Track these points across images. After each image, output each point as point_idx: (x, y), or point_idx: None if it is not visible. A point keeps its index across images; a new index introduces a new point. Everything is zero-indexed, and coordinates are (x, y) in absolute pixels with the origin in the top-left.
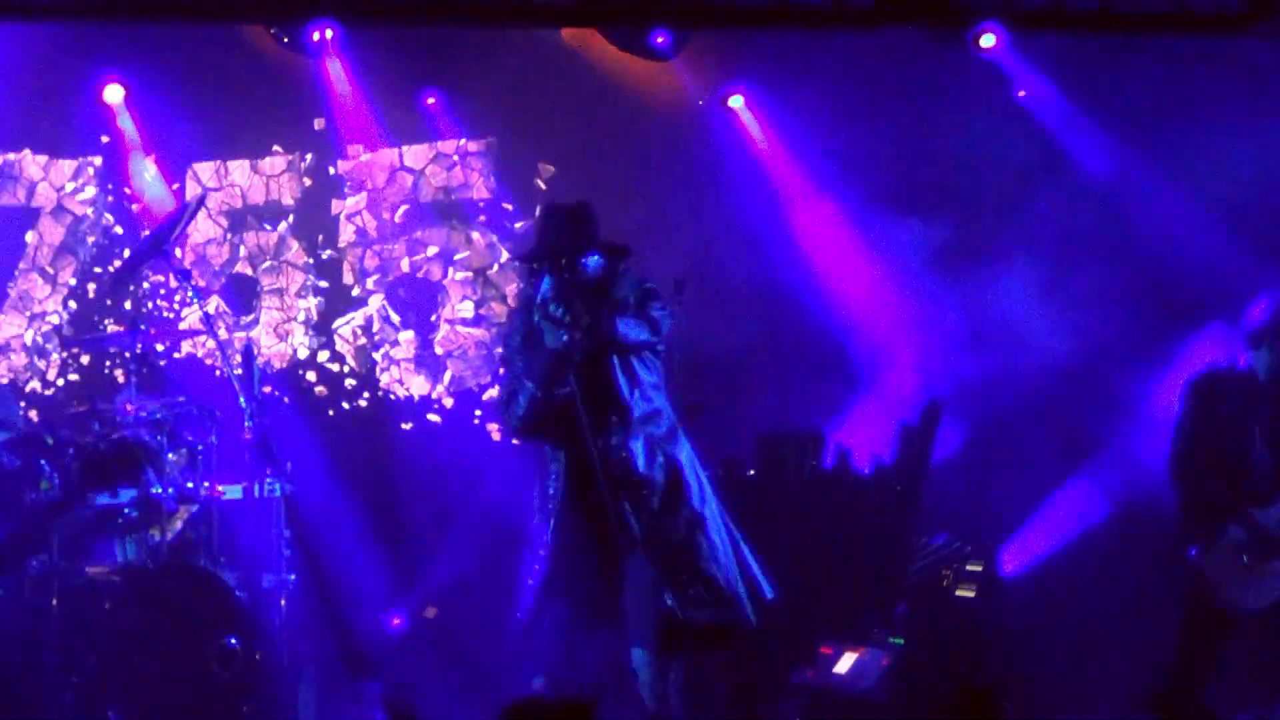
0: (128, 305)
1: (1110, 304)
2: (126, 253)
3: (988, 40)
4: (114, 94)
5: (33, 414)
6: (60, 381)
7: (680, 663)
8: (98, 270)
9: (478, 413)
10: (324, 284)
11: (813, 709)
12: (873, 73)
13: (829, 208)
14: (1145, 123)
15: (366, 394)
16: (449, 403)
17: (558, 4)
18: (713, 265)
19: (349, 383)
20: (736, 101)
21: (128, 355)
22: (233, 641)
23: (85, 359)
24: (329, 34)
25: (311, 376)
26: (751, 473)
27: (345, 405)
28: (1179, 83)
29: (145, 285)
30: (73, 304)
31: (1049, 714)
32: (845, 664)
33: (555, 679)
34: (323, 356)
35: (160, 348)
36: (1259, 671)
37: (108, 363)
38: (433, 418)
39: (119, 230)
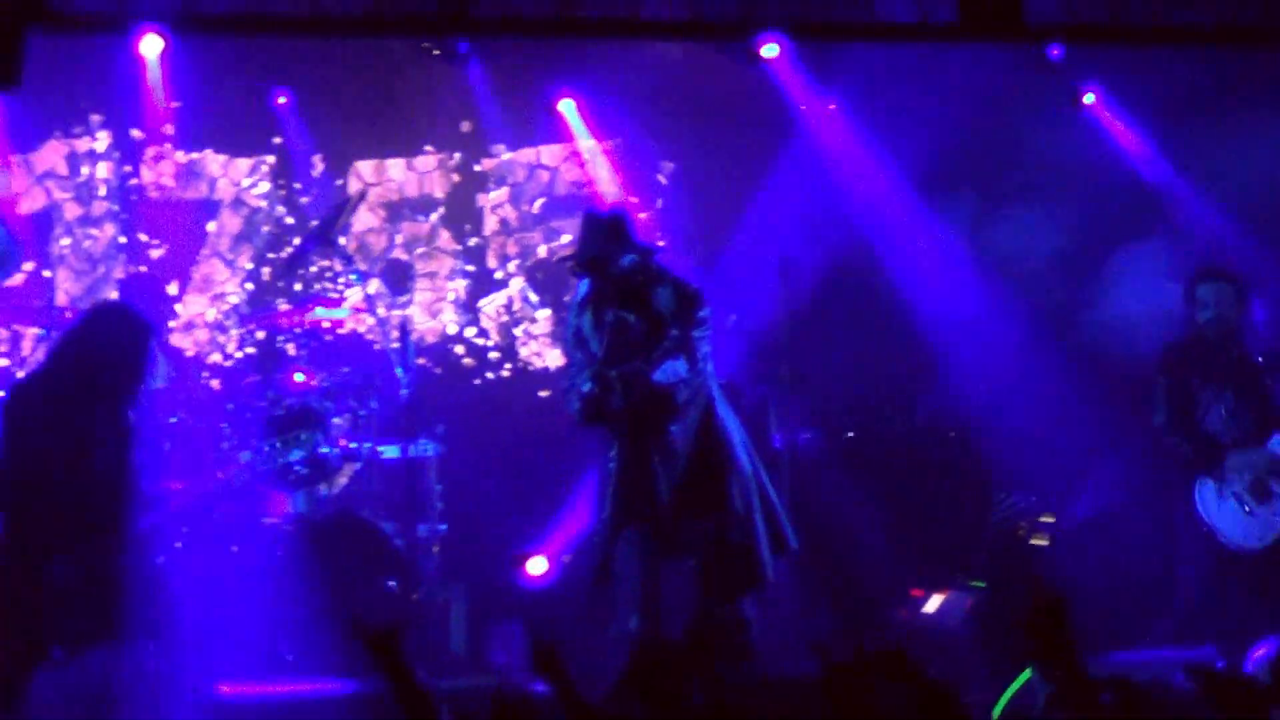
0: (298, 287)
1: (1162, 292)
2: (297, 240)
3: (1058, 53)
4: (284, 100)
5: (214, 383)
6: (239, 354)
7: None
8: (271, 256)
9: None
10: (470, 268)
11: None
12: (952, 80)
13: (916, 202)
14: (1195, 125)
15: (508, 365)
16: None
17: (672, 20)
18: (815, 251)
19: (492, 355)
20: (834, 106)
21: (298, 331)
22: (391, 584)
23: (260, 334)
24: (474, 46)
25: (459, 350)
26: (850, 434)
27: (489, 375)
28: (1224, 89)
29: (313, 269)
30: (249, 286)
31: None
32: (933, 604)
33: (647, 620)
34: (469, 332)
35: (326, 324)
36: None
37: (280, 338)
38: None
39: (290, 221)
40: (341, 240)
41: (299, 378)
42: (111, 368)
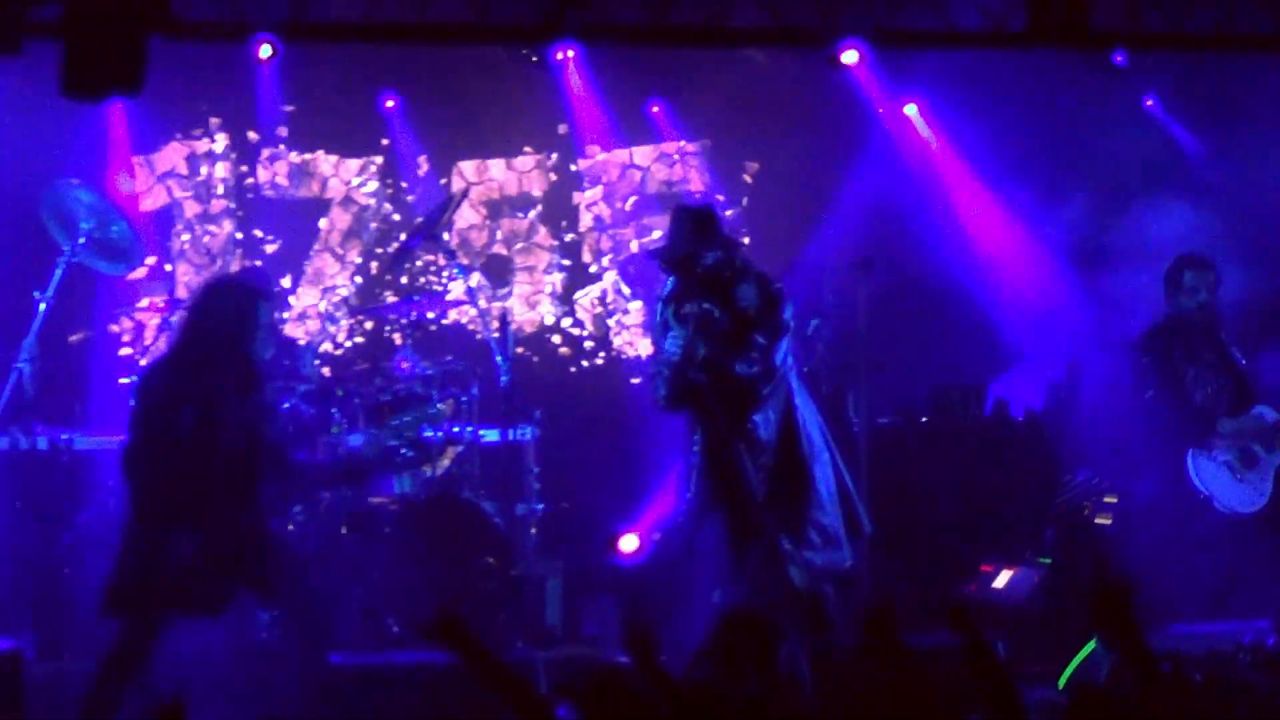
0: (404, 280)
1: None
2: (403, 236)
3: (1119, 58)
4: (392, 104)
5: (325, 370)
6: (348, 343)
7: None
8: (379, 250)
9: None
10: (567, 262)
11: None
12: (1025, 84)
13: (989, 200)
14: (1261, 130)
15: (602, 354)
16: None
17: (757, 28)
18: (893, 247)
19: (587, 344)
20: (911, 109)
21: (404, 321)
22: (490, 560)
23: (369, 324)
24: (570, 54)
25: (556, 339)
26: (924, 419)
27: (584, 363)
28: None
29: (419, 263)
30: (358, 279)
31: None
32: (1003, 580)
33: (730, 594)
34: (566, 323)
35: (431, 315)
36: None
37: (387, 328)
38: None
39: (396, 217)
40: (445, 236)
41: (405, 365)
42: (228, 336)
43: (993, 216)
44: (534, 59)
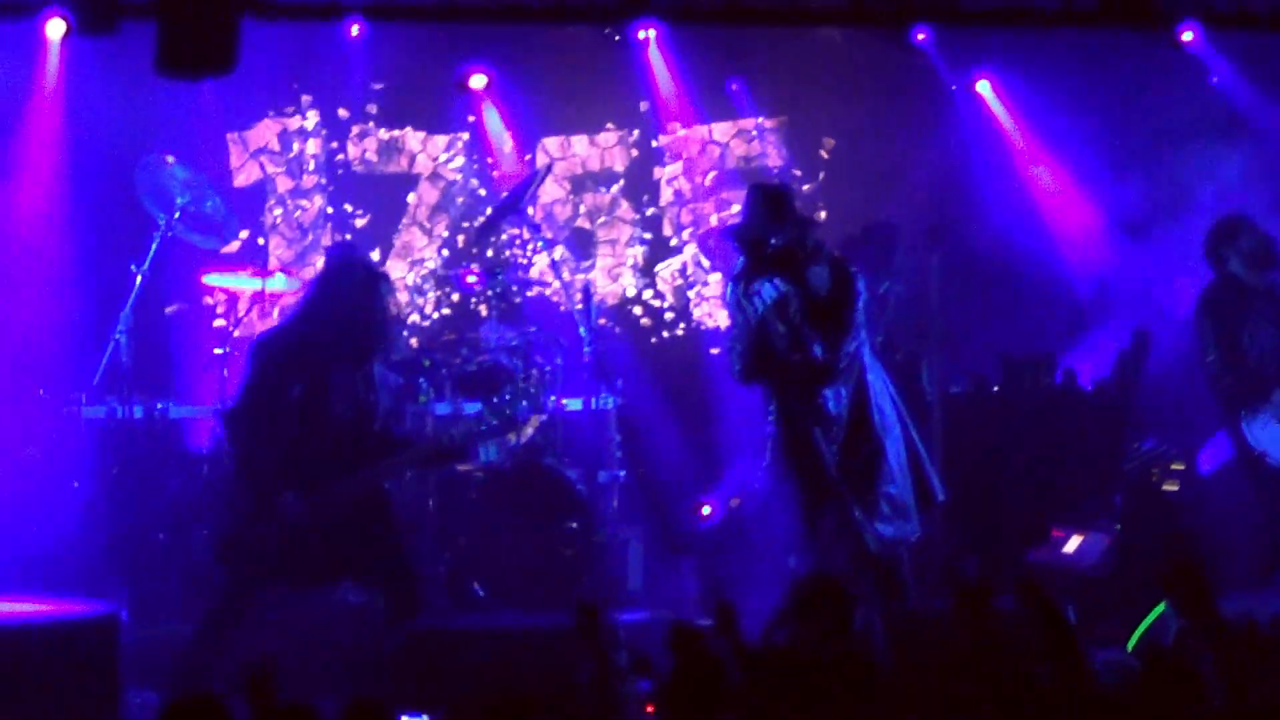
0: (490, 253)
1: None
2: (489, 211)
3: (1187, 35)
4: (479, 81)
5: (413, 341)
6: (435, 315)
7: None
8: (465, 224)
9: None
10: (648, 235)
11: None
12: (1094, 60)
13: (1058, 173)
14: None
15: (682, 324)
16: None
17: (834, 7)
18: (964, 219)
19: (668, 316)
20: (983, 86)
21: (489, 294)
22: (573, 525)
23: (455, 297)
24: (652, 33)
25: (637, 311)
26: (995, 388)
27: (665, 334)
28: None
29: (504, 237)
30: (445, 252)
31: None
32: (1072, 545)
33: (805, 558)
34: (647, 295)
35: (515, 287)
36: None
37: (473, 300)
38: None
39: (482, 192)
40: (530, 210)
41: (491, 337)
42: (347, 311)
43: (1062, 189)
44: (616, 37)
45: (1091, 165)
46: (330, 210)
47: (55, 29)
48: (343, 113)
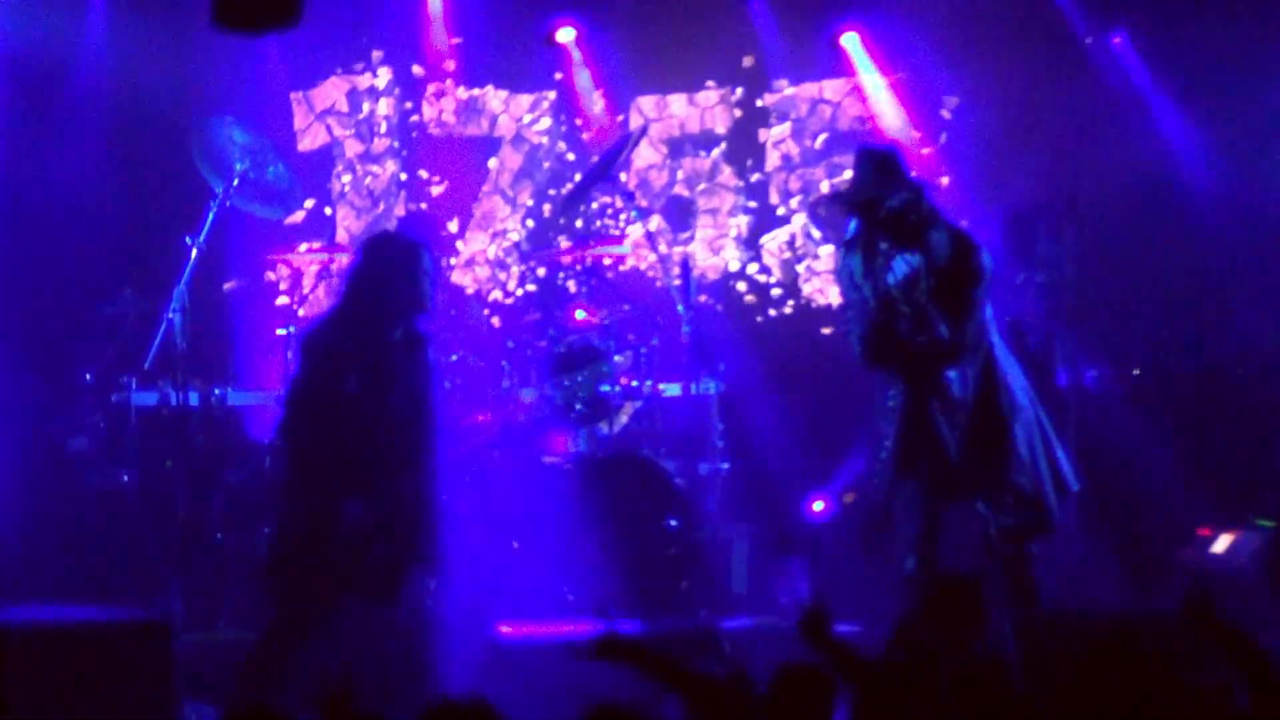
0: (579, 223)
1: None
2: (577, 177)
3: None
4: (566, 35)
5: (495, 321)
6: (519, 291)
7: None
8: (552, 192)
9: None
10: (753, 204)
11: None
12: (1242, 9)
13: (1201, 137)
14: None
15: (790, 302)
16: None
17: None
18: (1102, 187)
19: (775, 292)
20: (1121, 40)
21: (579, 268)
22: (673, 522)
23: (541, 271)
24: None
25: (741, 286)
26: (1137, 371)
27: (771, 312)
28: None
29: (594, 205)
30: (530, 222)
31: None
32: (1222, 544)
33: (925, 561)
34: (751, 269)
35: (607, 261)
36: None
37: (561, 274)
38: None
39: (571, 157)
40: (622, 176)
41: (580, 315)
42: (393, 292)
43: (1206, 154)
44: None
45: (1239, 128)
46: (404, 177)
47: None
48: (417, 70)
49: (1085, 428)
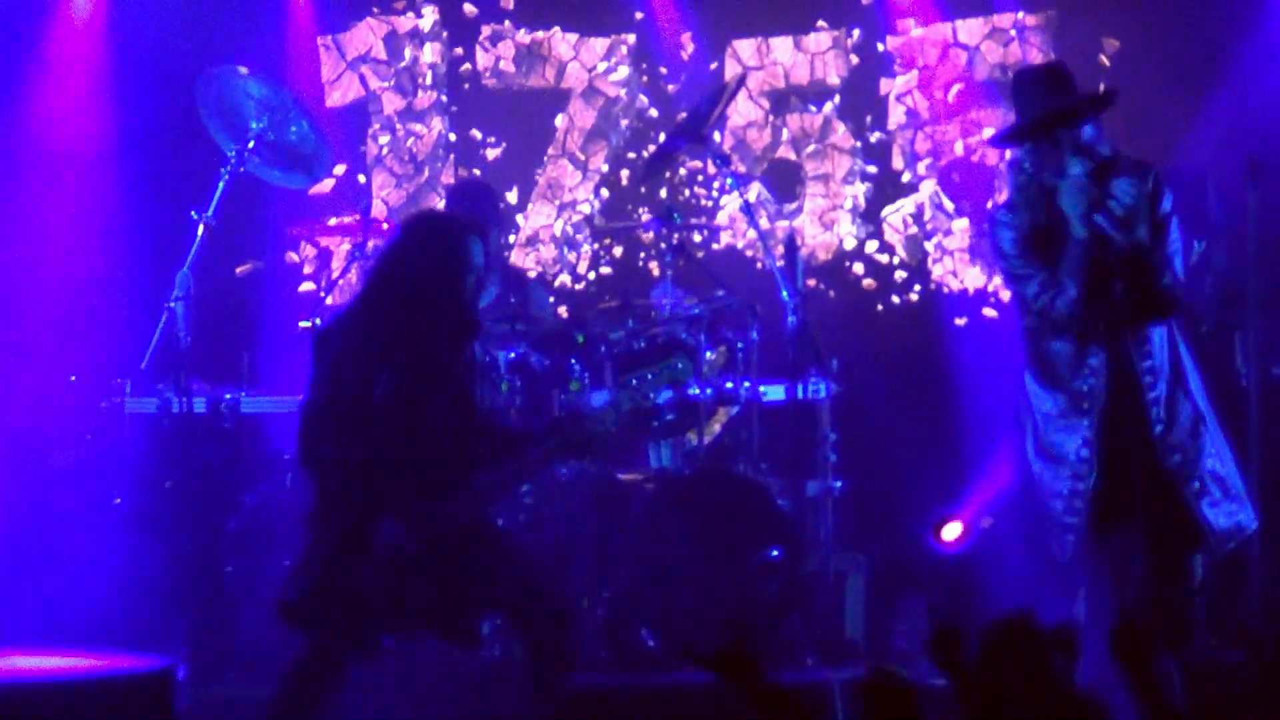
0: (663, 193)
1: None
2: (662, 137)
3: None
4: None
5: (561, 310)
6: (591, 275)
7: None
8: (631, 156)
9: None
10: (872, 169)
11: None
12: None
13: None
14: None
15: (918, 287)
16: (1006, 296)
17: None
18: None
19: (899, 275)
20: None
21: (663, 246)
22: (775, 553)
23: (618, 251)
24: None
25: (858, 268)
26: None
27: (895, 299)
28: None
29: (681, 172)
30: (604, 192)
31: None
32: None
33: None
34: (870, 247)
35: (698, 239)
36: None
37: (642, 255)
38: (989, 312)
39: (654, 113)
40: (716, 136)
41: (665, 303)
42: (432, 283)
43: None
44: None
45: None
46: (453, 137)
47: None
48: (469, 9)
49: (1270, 434)
